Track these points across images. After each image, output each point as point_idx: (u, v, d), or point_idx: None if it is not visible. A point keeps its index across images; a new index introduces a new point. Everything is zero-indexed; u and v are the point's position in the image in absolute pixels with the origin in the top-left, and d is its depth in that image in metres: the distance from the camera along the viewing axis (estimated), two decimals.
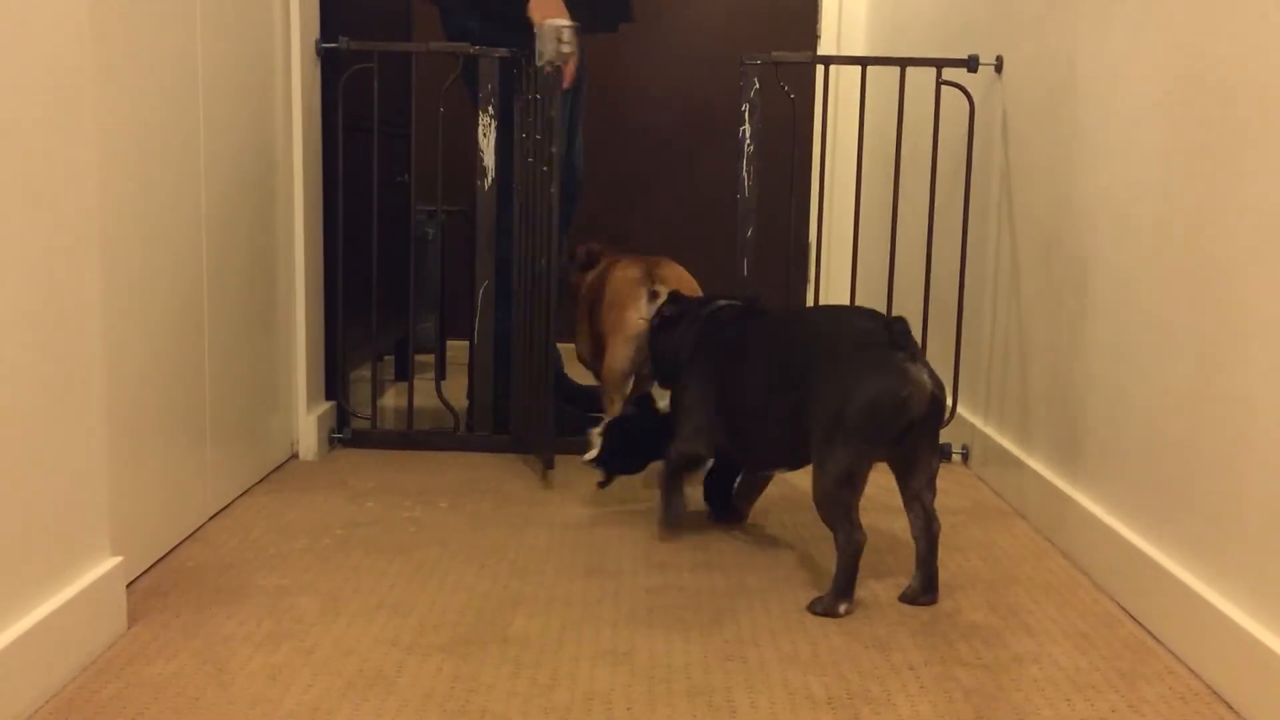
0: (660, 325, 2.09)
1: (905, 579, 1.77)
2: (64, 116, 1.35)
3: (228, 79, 1.99)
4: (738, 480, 2.08)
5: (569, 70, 2.39)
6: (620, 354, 2.33)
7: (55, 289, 1.34)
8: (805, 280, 4.08)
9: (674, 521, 1.97)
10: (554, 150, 2.27)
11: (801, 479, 2.39)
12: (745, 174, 2.54)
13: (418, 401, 2.63)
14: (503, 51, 2.49)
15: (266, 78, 2.22)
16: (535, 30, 2.30)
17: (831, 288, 4.27)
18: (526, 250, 2.46)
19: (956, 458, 2.58)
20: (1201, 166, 1.53)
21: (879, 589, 1.73)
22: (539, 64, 2.28)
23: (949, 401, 2.63)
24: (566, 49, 2.24)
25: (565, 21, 2.25)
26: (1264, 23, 1.39)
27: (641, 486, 2.26)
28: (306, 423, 2.44)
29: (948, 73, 2.64)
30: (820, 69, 2.55)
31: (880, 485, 2.35)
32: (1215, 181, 1.49)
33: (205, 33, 1.88)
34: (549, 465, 2.33)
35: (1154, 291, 1.66)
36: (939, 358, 2.79)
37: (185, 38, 1.81)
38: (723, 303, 2.03)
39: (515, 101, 2.49)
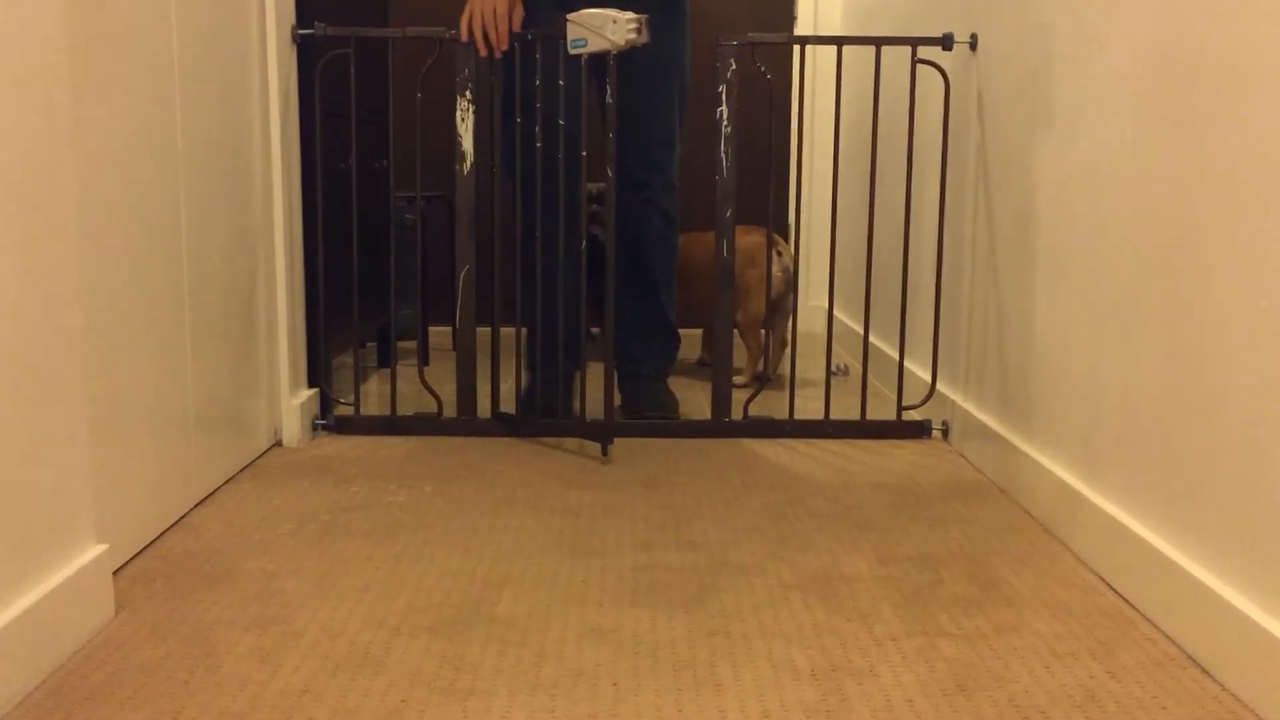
0: None
1: (886, 555, 1.80)
2: (39, 105, 1.35)
3: (204, 66, 1.99)
4: None
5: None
6: (757, 306, 3.03)
7: (34, 279, 1.35)
8: None
9: None
10: (611, 135, 2.33)
11: (792, 463, 2.41)
12: (724, 155, 2.55)
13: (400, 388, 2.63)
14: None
15: (243, 65, 2.21)
16: (590, 17, 2.31)
17: (811, 267, 4.29)
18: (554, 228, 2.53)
19: (936, 433, 2.60)
20: (1176, 142, 1.55)
21: (861, 563, 1.75)
22: (613, 51, 2.30)
23: (928, 378, 2.66)
24: (643, 40, 2.30)
25: (634, 13, 2.30)
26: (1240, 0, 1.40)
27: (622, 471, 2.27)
28: (289, 410, 2.44)
29: (923, 51, 2.66)
30: (797, 49, 2.56)
31: (863, 463, 2.38)
32: (1189, 158, 1.51)
33: (180, 20, 1.88)
34: (610, 441, 2.37)
35: (1129, 267, 1.68)
36: (918, 334, 2.81)
37: (161, 25, 1.81)
38: None
39: (504, 84, 2.53)
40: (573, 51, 2.33)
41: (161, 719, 1.25)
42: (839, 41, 2.57)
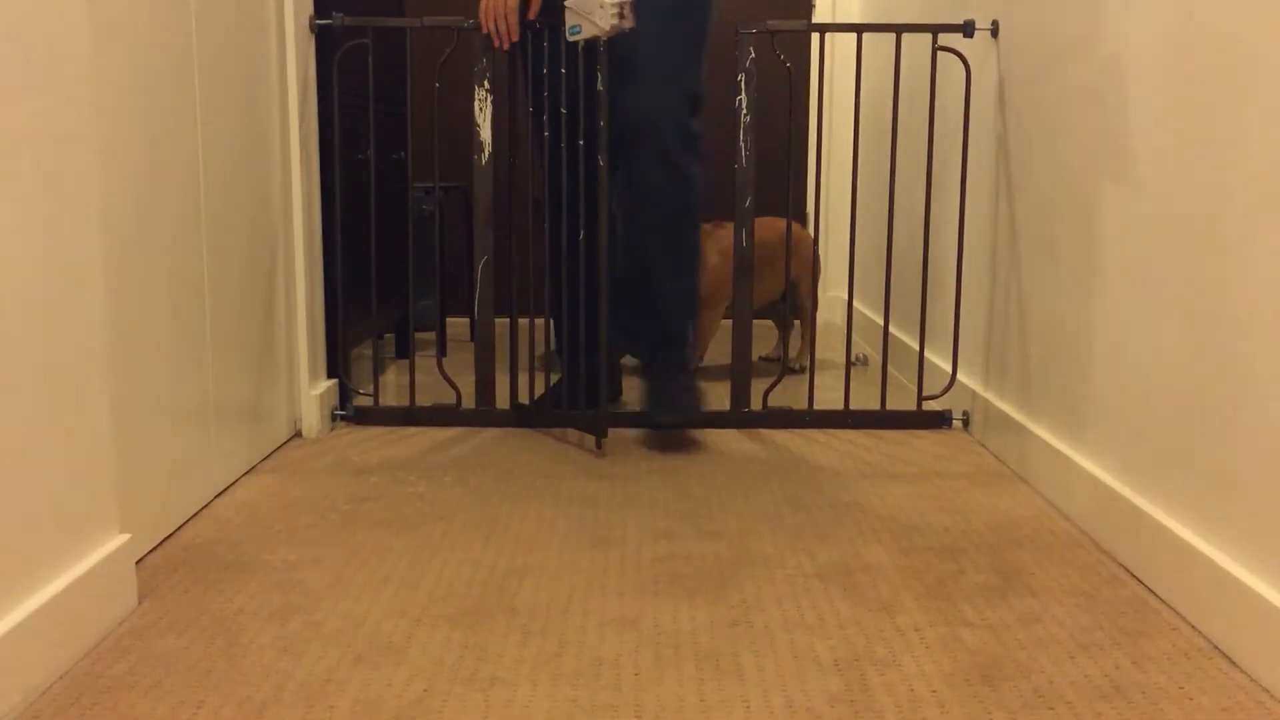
0: None
1: (907, 545, 1.79)
2: (62, 100, 1.35)
3: (223, 57, 1.99)
4: None
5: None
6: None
7: (57, 273, 1.35)
8: None
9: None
10: (601, 125, 2.29)
11: (812, 453, 2.40)
12: (743, 144, 2.54)
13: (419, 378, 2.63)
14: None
15: (261, 56, 2.21)
16: (582, 3, 2.29)
17: (831, 255, 4.27)
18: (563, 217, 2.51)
19: (957, 423, 2.59)
20: (1199, 125, 1.53)
21: (882, 554, 1.75)
22: (601, 37, 2.27)
23: (948, 368, 2.64)
24: (627, 25, 2.27)
25: None
26: None
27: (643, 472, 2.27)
28: (309, 401, 2.44)
29: (944, 38, 2.64)
30: (816, 37, 2.55)
31: (883, 453, 2.37)
32: (1216, 141, 1.49)
33: (199, 10, 1.88)
34: (603, 435, 2.35)
35: (1152, 254, 1.66)
36: (938, 324, 2.80)
37: (180, 16, 1.81)
38: None
39: (527, 69, 2.52)
40: (570, 38, 2.31)
41: (184, 709, 1.26)
42: (859, 29, 2.56)
